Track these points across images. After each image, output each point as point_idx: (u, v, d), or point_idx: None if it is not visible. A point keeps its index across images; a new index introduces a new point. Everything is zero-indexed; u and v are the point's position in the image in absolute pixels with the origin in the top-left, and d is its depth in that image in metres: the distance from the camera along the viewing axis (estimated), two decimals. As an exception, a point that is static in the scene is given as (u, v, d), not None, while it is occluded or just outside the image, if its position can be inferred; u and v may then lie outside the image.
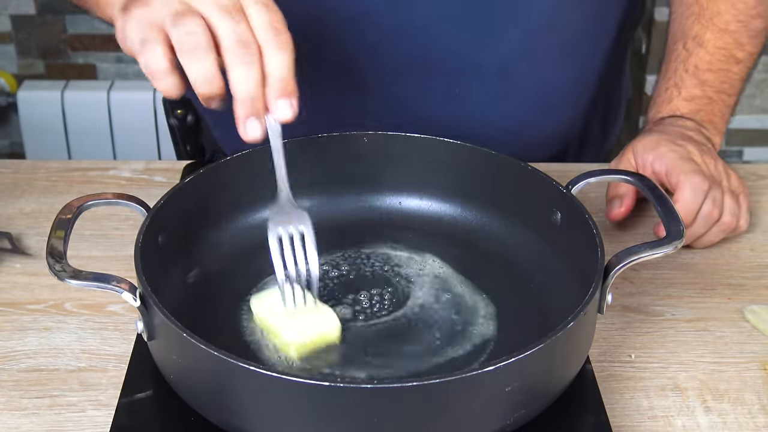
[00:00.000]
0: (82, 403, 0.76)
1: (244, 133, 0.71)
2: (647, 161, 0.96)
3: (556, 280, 0.82)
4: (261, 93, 0.70)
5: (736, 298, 0.89)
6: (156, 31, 0.70)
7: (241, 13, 0.70)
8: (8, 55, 2.43)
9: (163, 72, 0.70)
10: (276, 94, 0.71)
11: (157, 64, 0.70)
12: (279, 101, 0.71)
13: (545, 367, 0.67)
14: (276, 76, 0.70)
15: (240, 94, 0.70)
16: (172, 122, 1.23)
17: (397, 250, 0.87)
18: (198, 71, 0.69)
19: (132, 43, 0.71)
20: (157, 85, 0.71)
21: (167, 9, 0.70)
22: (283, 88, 0.71)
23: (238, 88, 0.70)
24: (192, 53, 0.69)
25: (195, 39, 0.69)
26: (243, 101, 0.70)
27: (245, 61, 0.69)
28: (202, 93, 0.70)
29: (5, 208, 1.00)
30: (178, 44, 0.69)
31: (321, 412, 0.63)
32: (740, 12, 1.03)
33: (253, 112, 0.70)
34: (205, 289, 0.82)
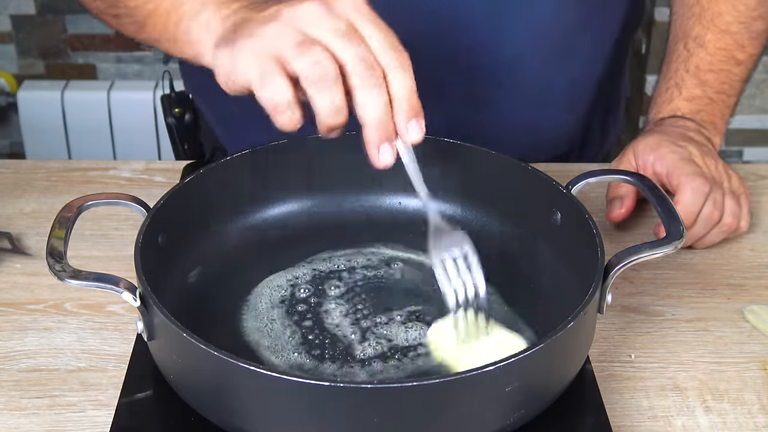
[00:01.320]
0: (82, 403, 0.76)
1: (376, 160, 0.69)
2: (648, 162, 0.96)
3: (556, 280, 0.82)
4: (390, 117, 0.68)
5: (736, 298, 0.89)
6: (276, 63, 0.67)
7: (359, 36, 0.68)
8: (8, 55, 2.43)
9: (287, 105, 0.68)
10: (405, 116, 0.69)
11: (282, 97, 0.68)
12: (410, 123, 0.69)
13: (545, 367, 0.67)
14: (403, 97, 0.69)
15: (372, 120, 0.68)
16: (170, 121, 1.23)
17: (397, 250, 0.87)
18: (327, 102, 0.67)
19: (246, 77, 0.69)
20: (278, 119, 0.69)
21: (286, 40, 0.68)
22: (411, 109, 0.69)
23: (368, 113, 0.68)
24: (320, 84, 0.67)
25: (323, 69, 0.66)
26: (374, 127, 0.68)
27: (373, 84, 0.67)
28: (328, 124, 0.68)
29: (5, 208, 1.00)
30: (304, 75, 0.67)
31: (321, 412, 0.63)
32: (741, 13, 1.03)
33: (385, 137, 0.68)
34: (205, 289, 0.82)
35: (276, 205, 0.89)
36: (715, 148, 1.01)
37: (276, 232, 0.88)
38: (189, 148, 1.24)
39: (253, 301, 0.81)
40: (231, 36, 0.71)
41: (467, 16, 0.99)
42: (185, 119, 1.23)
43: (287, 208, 0.90)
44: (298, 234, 0.88)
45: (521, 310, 0.80)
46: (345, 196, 0.91)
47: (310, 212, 0.90)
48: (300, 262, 0.85)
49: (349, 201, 0.91)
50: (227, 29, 0.73)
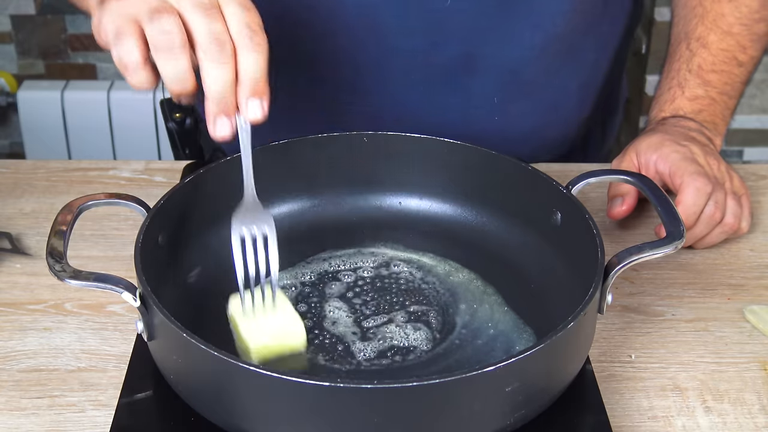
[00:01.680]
0: (82, 403, 0.76)
1: (213, 131, 0.71)
2: (651, 161, 0.96)
3: (556, 280, 0.82)
4: (232, 92, 0.71)
5: (736, 298, 0.89)
6: (131, 25, 0.70)
7: (218, 12, 0.70)
8: (8, 55, 2.43)
9: (135, 65, 0.70)
10: (247, 93, 0.71)
11: (130, 58, 0.70)
12: (249, 101, 0.71)
13: (545, 367, 0.67)
14: (248, 76, 0.70)
15: (211, 93, 0.70)
16: (171, 126, 1.23)
17: (397, 250, 0.87)
18: (171, 70, 0.70)
19: (106, 36, 0.72)
20: (129, 78, 0.71)
21: (144, 4, 0.70)
22: (253, 88, 0.71)
23: (210, 86, 0.70)
24: (166, 52, 0.69)
25: (170, 38, 0.69)
26: (214, 99, 0.70)
27: (218, 60, 0.69)
28: (173, 90, 0.71)
29: (5, 208, 1.00)
30: (152, 41, 0.69)
31: (321, 412, 0.63)
32: (744, 15, 1.03)
33: (223, 111, 0.71)
34: (205, 289, 0.82)
35: (276, 205, 0.89)
36: (716, 149, 1.01)
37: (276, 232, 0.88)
38: (190, 153, 1.24)
39: (253, 301, 0.81)
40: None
41: (475, 21, 0.99)
42: (186, 124, 1.23)
43: (287, 208, 0.90)
44: (298, 234, 0.88)
45: (521, 310, 0.80)
46: (345, 196, 0.91)
47: (310, 212, 0.90)
48: (300, 262, 0.85)
49: (349, 201, 0.91)
50: None
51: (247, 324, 0.74)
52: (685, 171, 0.92)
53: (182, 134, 1.24)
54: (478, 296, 0.82)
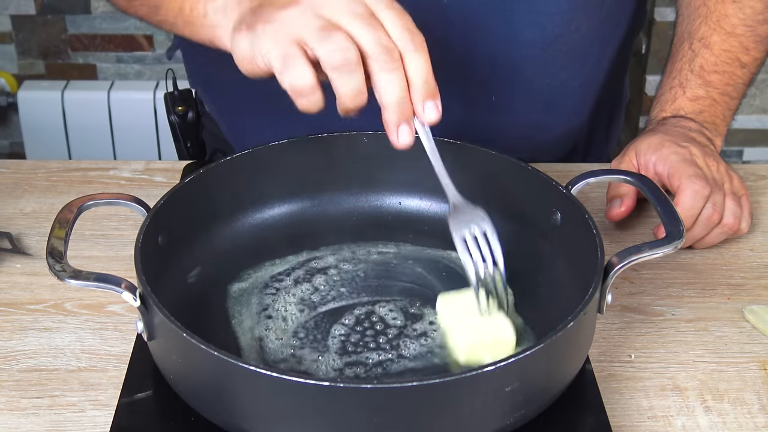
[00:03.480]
0: (82, 403, 0.76)
1: (396, 140, 0.71)
2: (650, 162, 0.96)
3: (556, 280, 0.82)
4: (408, 98, 0.70)
5: (736, 298, 0.89)
6: (297, 47, 0.69)
7: (376, 20, 0.70)
8: (8, 55, 2.43)
9: (310, 89, 0.70)
10: (422, 96, 0.71)
11: (304, 81, 0.69)
12: (426, 103, 0.71)
13: (545, 367, 0.67)
14: (420, 79, 0.70)
15: (390, 102, 0.70)
16: (173, 119, 1.23)
17: (397, 249, 0.87)
18: (349, 87, 0.69)
19: (267, 61, 0.70)
20: (300, 101, 0.70)
21: (306, 24, 0.69)
22: (427, 89, 0.71)
23: (387, 95, 0.70)
24: (343, 69, 0.68)
25: (346, 54, 0.68)
26: (393, 108, 0.70)
27: (390, 67, 0.69)
28: (348, 107, 0.70)
29: (5, 208, 1.00)
30: (327, 61, 0.69)
31: (321, 412, 0.63)
32: (747, 16, 1.03)
33: (404, 118, 0.70)
34: (205, 289, 0.82)
35: (276, 205, 0.89)
36: (716, 149, 1.01)
37: (276, 232, 0.88)
38: (191, 147, 1.24)
39: (253, 301, 0.81)
40: (250, 20, 0.72)
41: (474, 19, 0.99)
42: (188, 117, 1.23)
43: (287, 208, 0.90)
44: (298, 234, 0.88)
45: (521, 310, 0.80)
46: (345, 196, 0.91)
47: (310, 212, 0.91)
48: (300, 262, 0.85)
49: (349, 201, 0.91)
50: (245, 13, 0.74)
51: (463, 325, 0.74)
52: (684, 173, 0.92)
53: (184, 128, 1.24)
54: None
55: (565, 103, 1.10)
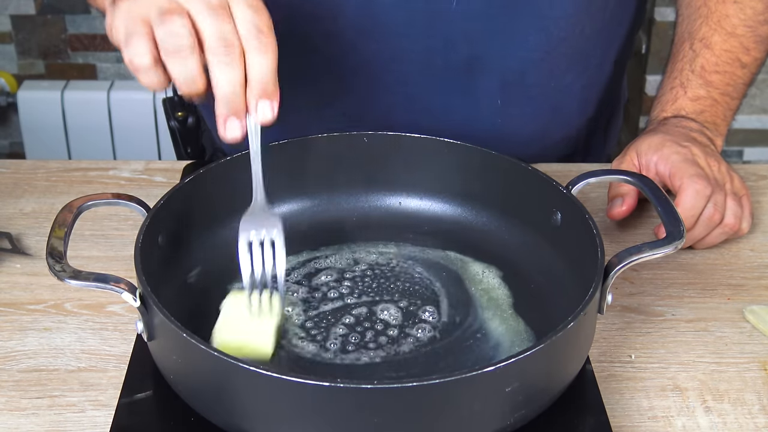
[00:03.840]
0: (82, 403, 0.76)
1: (223, 132, 0.71)
2: (651, 162, 0.96)
3: (556, 280, 0.82)
4: (242, 93, 0.71)
5: (736, 298, 0.89)
6: (141, 26, 0.70)
7: (227, 13, 0.70)
8: (8, 55, 2.43)
9: (146, 67, 0.70)
10: (257, 95, 0.71)
11: (141, 60, 0.70)
12: (260, 102, 0.71)
13: (545, 367, 0.67)
14: (257, 78, 0.70)
15: (220, 94, 0.70)
16: (173, 125, 1.24)
17: (396, 249, 0.87)
18: (181, 71, 0.70)
19: (118, 36, 0.72)
20: (140, 78, 0.71)
21: (154, 5, 0.70)
22: (263, 89, 0.71)
23: (218, 87, 0.70)
24: (175, 54, 0.69)
25: (179, 39, 0.69)
26: (223, 101, 0.70)
27: (227, 61, 0.69)
28: (184, 91, 0.71)
29: (5, 208, 1.00)
30: (162, 43, 0.69)
31: (321, 412, 0.63)
32: (748, 17, 1.03)
33: (233, 113, 0.71)
34: (205, 289, 0.82)
35: (276, 205, 0.89)
36: (717, 150, 1.01)
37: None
38: (191, 151, 1.24)
39: (253, 301, 0.81)
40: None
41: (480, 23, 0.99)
42: (188, 122, 1.23)
43: (287, 208, 0.90)
44: (298, 234, 0.88)
45: (521, 310, 0.80)
46: (345, 196, 0.91)
47: (310, 212, 0.91)
48: (300, 262, 0.85)
49: (349, 201, 0.91)
50: None
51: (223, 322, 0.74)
52: (685, 173, 0.92)
53: (184, 133, 1.24)
54: (477, 296, 0.81)
55: (570, 106, 1.10)
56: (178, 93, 0.72)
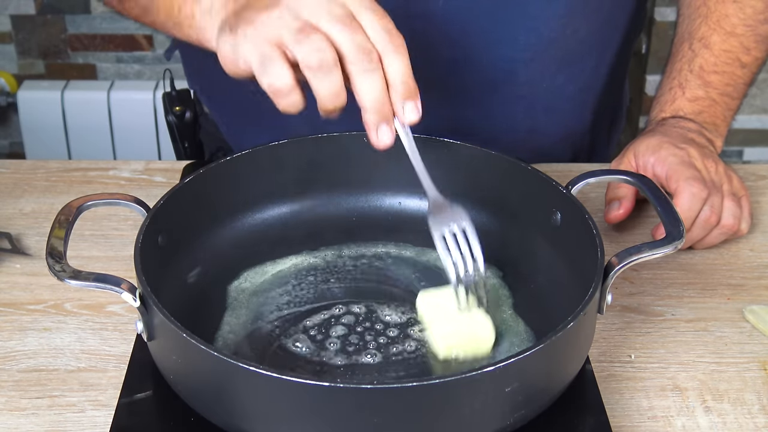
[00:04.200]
0: (82, 403, 0.76)
1: (376, 140, 0.72)
2: (648, 163, 0.96)
3: (556, 280, 0.82)
4: (387, 99, 0.71)
5: (736, 298, 0.89)
6: (276, 49, 0.70)
7: (356, 22, 0.70)
8: (8, 55, 2.43)
9: (288, 89, 0.70)
10: (401, 97, 0.71)
11: (282, 81, 0.70)
12: (406, 104, 0.72)
13: (545, 367, 0.67)
14: (398, 80, 0.71)
15: (369, 103, 0.70)
16: (171, 119, 1.24)
17: (397, 249, 0.87)
18: (326, 87, 0.70)
19: (248, 63, 0.71)
20: (280, 102, 0.71)
21: (286, 26, 0.70)
22: (407, 90, 0.71)
23: (365, 96, 0.70)
24: (320, 70, 0.69)
25: (323, 55, 0.69)
26: (372, 109, 0.70)
27: (369, 69, 0.70)
28: (327, 108, 0.71)
29: (5, 208, 1.00)
30: (305, 62, 0.69)
31: (321, 412, 0.63)
32: (748, 16, 1.03)
33: (382, 119, 0.71)
34: (205, 289, 0.82)
35: (276, 205, 0.89)
36: (717, 150, 1.01)
37: (276, 232, 0.88)
38: (189, 147, 1.24)
39: (253, 301, 0.81)
40: (233, 22, 0.73)
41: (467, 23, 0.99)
42: (186, 117, 1.23)
43: (287, 208, 0.90)
44: (298, 234, 0.88)
45: (521, 310, 0.80)
46: (345, 196, 0.91)
47: (310, 212, 0.90)
48: (299, 262, 0.85)
49: (349, 201, 0.91)
50: (229, 15, 0.75)
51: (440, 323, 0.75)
52: (681, 175, 0.92)
53: (182, 128, 1.24)
54: (478, 296, 0.82)
55: (564, 108, 1.10)
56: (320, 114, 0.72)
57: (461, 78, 1.03)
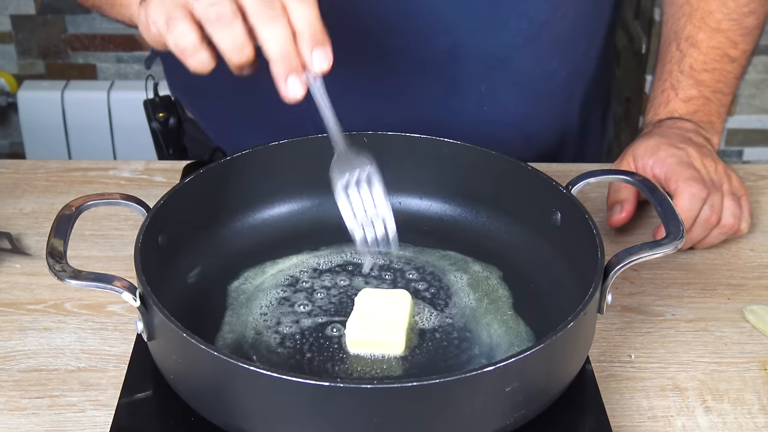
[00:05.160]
0: (82, 403, 0.76)
1: (286, 93, 0.70)
2: (647, 165, 0.96)
3: (556, 280, 0.82)
4: (294, 48, 0.69)
5: (736, 298, 0.89)
6: (179, 9, 0.70)
7: None
8: (8, 55, 2.44)
9: (192, 47, 0.70)
10: (309, 45, 0.70)
11: (186, 40, 0.69)
12: (314, 52, 0.70)
13: (545, 367, 0.67)
14: (305, 28, 0.70)
15: (274, 53, 0.69)
16: (154, 126, 1.24)
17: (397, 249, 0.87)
18: (227, 40, 0.69)
19: (157, 26, 0.71)
20: (188, 62, 0.71)
21: None
22: (314, 38, 0.70)
23: (270, 47, 0.69)
24: (219, 23, 0.68)
25: (219, 9, 0.68)
26: (278, 59, 0.69)
27: (271, 17, 0.68)
28: (234, 62, 0.70)
29: (5, 208, 1.00)
30: (203, 16, 0.69)
31: (321, 412, 0.63)
32: (732, 10, 1.03)
33: (291, 69, 0.69)
34: (205, 289, 0.82)
35: (276, 205, 0.89)
36: (714, 148, 1.01)
37: (276, 232, 0.88)
38: (173, 153, 1.25)
39: (253, 301, 0.81)
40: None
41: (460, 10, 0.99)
42: (169, 123, 1.23)
43: (287, 208, 0.90)
44: (298, 234, 0.88)
45: (521, 310, 0.80)
46: (345, 196, 0.91)
47: (310, 212, 0.91)
48: (299, 262, 0.85)
49: (349, 201, 0.91)
50: None
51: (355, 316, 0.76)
52: (681, 176, 0.92)
53: (165, 134, 1.24)
54: (477, 296, 0.82)
55: (555, 93, 1.09)
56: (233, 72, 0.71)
57: (455, 66, 1.03)
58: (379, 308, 0.76)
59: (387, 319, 0.75)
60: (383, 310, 0.76)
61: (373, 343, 0.74)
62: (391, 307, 0.76)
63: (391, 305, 0.76)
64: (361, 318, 0.76)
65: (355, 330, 0.75)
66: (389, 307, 0.76)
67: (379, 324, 0.75)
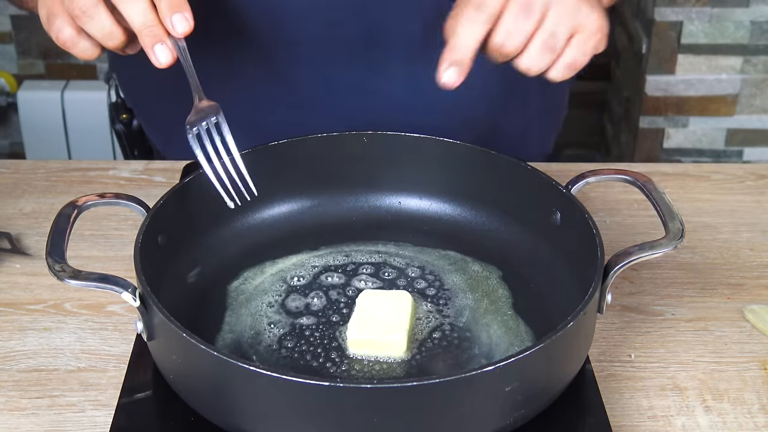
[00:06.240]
0: (82, 403, 0.76)
1: (156, 61, 0.74)
2: None
3: (555, 280, 0.82)
4: (155, 19, 0.74)
5: (736, 297, 0.89)
6: (56, 5, 0.74)
7: None
8: (8, 55, 2.43)
9: (72, 39, 0.75)
10: (168, 12, 0.73)
11: (64, 34, 0.75)
12: (173, 18, 0.73)
13: (545, 367, 0.67)
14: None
15: (137, 26, 0.73)
16: (118, 128, 1.25)
17: (397, 249, 0.87)
18: (95, 29, 0.74)
19: (43, 22, 0.76)
20: (74, 52, 0.76)
21: None
22: (171, 4, 0.73)
23: (133, 22, 0.73)
24: (84, 15, 0.73)
25: (81, 2, 0.73)
26: (142, 31, 0.73)
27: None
28: (110, 46, 0.75)
29: (5, 208, 1.00)
30: (71, 12, 0.74)
31: (321, 412, 0.63)
32: None
33: (155, 38, 0.73)
34: (205, 289, 0.82)
35: (276, 205, 0.90)
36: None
37: (276, 232, 0.88)
38: (138, 153, 1.25)
39: (253, 301, 0.81)
40: None
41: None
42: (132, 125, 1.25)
43: (287, 208, 0.90)
44: (298, 234, 0.88)
45: (521, 310, 0.80)
46: (345, 196, 0.91)
47: (310, 212, 0.91)
48: (299, 262, 0.85)
49: (349, 201, 0.91)
50: None
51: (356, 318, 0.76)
52: (453, 14, 0.76)
53: (129, 135, 1.25)
54: (477, 296, 0.82)
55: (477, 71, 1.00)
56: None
57: (376, 52, 1.00)
58: (380, 309, 0.76)
59: (388, 320, 0.75)
60: (384, 311, 0.76)
61: (375, 344, 0.74)
62: (392, 308, 0.76)
63: (392, 306, 0.76)
64: (362, 319, 0.76)
65: (356, 331, 0.75)
66: (390, 308, 0.76)
67: (380, 325, 0.75)
